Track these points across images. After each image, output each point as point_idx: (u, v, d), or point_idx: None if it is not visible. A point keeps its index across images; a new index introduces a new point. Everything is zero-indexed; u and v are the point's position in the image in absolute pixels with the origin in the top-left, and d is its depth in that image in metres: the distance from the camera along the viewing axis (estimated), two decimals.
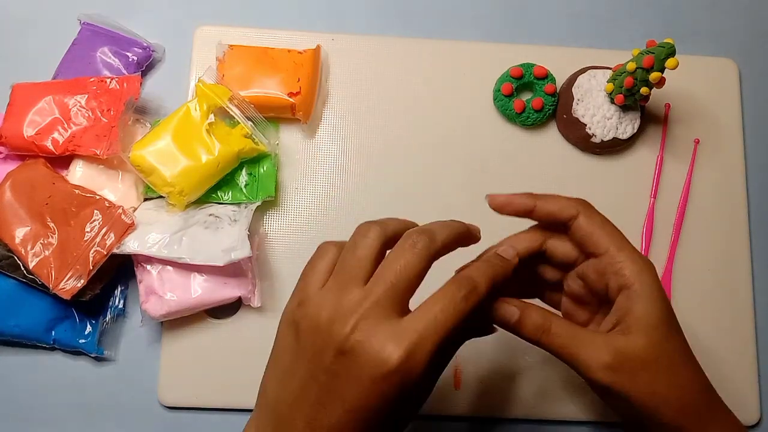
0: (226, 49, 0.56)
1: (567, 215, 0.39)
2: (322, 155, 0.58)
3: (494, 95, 0.59)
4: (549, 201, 0.40)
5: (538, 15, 0.63)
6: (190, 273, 0.51)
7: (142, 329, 0.54)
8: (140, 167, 0.52)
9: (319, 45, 0.58)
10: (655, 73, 0.50)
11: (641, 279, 0.37)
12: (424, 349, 0.32)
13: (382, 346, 0.31)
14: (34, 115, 0.53)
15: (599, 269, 0.39)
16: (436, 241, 0.35)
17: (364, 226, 0.36)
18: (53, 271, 0.50)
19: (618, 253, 0.38)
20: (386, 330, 0.32)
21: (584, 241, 0.39)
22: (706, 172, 0.59)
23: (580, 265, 0.41)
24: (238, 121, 0.54)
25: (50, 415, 0.54)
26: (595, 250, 0.39)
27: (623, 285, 0.38)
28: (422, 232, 0.35)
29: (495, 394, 0.54)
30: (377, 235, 0.35)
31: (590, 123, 0.56)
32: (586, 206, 0.40)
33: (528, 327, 0.37)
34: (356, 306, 0.33)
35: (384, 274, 0.34)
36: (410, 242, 0.34)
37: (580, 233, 0.39)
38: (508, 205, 0.40)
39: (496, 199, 0.40)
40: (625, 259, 0.38)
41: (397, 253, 0.34)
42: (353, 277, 0.34)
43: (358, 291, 0.33)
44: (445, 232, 0.36)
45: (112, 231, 0.51)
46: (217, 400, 0.53)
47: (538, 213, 0.40)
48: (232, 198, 0.55)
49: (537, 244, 0.41)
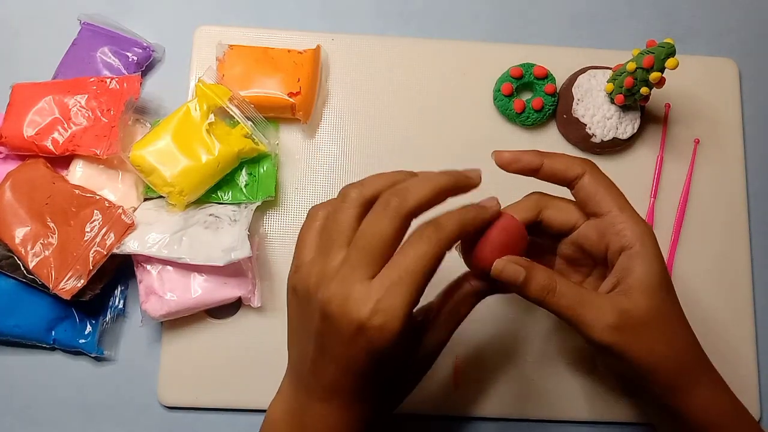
0: (226, 49, 0.56)
1: (573, 174, 0.40)
2: (322, 155, 0.58)
3: (494, 95, 0.59)
4: (556, 159, 0.40)
5: (538, 15, 0.63)
6: (190, 273, 0.51)
7: (142, 329, 0.54)
8: (140, 167, 0.52)
9: (319, 45, 0.58)
10: (655, 73, 0.51)
11: (642, 241, 0.38)
12: (394, 302, 0.32)
13: (352, 306, 0.33)
14: (34, 115, 0.53)
15: (600, 230, 0.39)
16: (407, 201, 0.34)
17: (344, 188, 0.37)
18: (53, 271, 0.50)
19: (620, 213, 0.38)
20: (357, 291, 0.33)
21: (588, 200, 0.39)
22: (706, 172, 0.59)
23: (576, 230, 0.41)
24: (238, 121, 0.54)
25: (50, 415, 0.54)
26: (598, 210, 0.39)
27: (624, 246, 0.38)
28: (395, 192, 0.35)
29: (494, 394, 0.54)
30: (356, 196, 0.36)
31: (590, 123, 0.56)
32: (592, 167, 0.40)
33: (533, 287, 0.37)
34: (335, 270, 0.34)
35: (357, 239, 0.34)
36: (382, 203, 0.35)
37: (584, 192, 0.39)
38: (516, 162, 0.40)
39: (502, 155, 0.41)
40: (627, 220, 0.38)
41: (370, 216, 0.35)
42: (334, 242, 0.35)
43: (340, 255, 0.34)
44: (421, 189, 0.35)
45: (112, 231, 0.51)
46: (217, 400, 0.53)
47: (545, 171, 0.40)
48: (232, 198, 0.55)
49: (532, 214, 0.41)
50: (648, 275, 0.37)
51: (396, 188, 0.35)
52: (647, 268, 0.37)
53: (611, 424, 0.55)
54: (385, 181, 0.37)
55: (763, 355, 0.57)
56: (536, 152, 0.40)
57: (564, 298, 0.37)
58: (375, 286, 0.33)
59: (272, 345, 0.53)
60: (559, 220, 0.41)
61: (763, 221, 0.60)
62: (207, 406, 0.53)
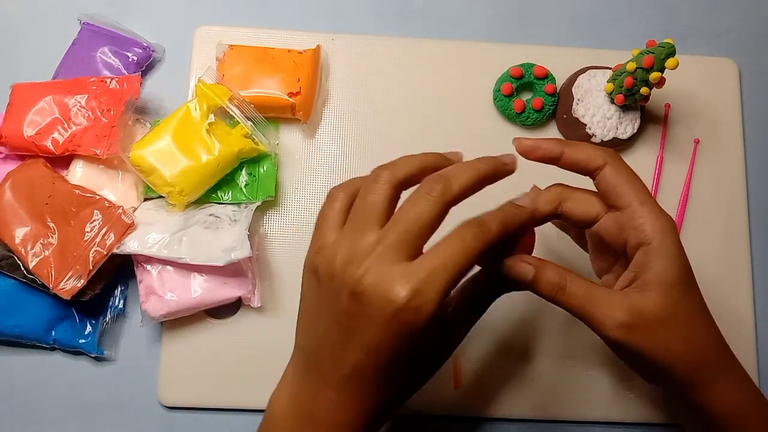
0: (226, 49, 0.56)
1: (594, 165, 0.39)
2: (322, 155, 0.58)
3: (494, 95, 0.59)
4: (577, 149, 0.39)
5: (537, 15, 0.63)
6: (190, 273, 0.51)
7: (142, 329, 0.54)
8: (140, 167, 0.52)
9: (319, 45, 0.58)
10: (655, 73, 0.50)
11: (662, 236, 0.37)
12: (432, 287, 0.32)
13: (390, 286, 0.32)
14: (34, 115, 0.53)
15: (620, 223, 0.39)
16: (451, 188, 0.35)
17: (376, 170, 0.37)
18: (53, 271, 0.50)
19: (640, 207, 0.38)
20: (396, 272, 0.33)
21: (608, 192, 0.39)
22: (706, 171, 0.59)
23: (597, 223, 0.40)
24: (238, 121, 0.54)
25: (50, 415, 0.54)
26: (618, 202, 0.38)
27: (642, 241, 0.37)
28: (438, 179, 0.35)
29: (495, 394, 0.54)
30: (388, 178, 0.36)
31: (590, 123, 0.56)
32: (615, 158, 0.39)
33: (543, 285, 0.37)
34: (369, 250, 0.34)
35: (398, 220, 0.34)
36: (426, 188, 0.35)
37: (605, 184, 0.39)
38: (537, 150, 0.40)
39: (523, 143, 0.40)
40: (647, 214, 0.37)
41: (412, 199, 0.35)
42: (366, 222, 0.35)
43: (372, 235, 0.34)
44: (464, 176, 0.35)
45: (112, 231, 0.51)
46: (217, 400, 0.53)
47: (565, 160, 0.40)
48: (232, 198, 0.55)
49: (553, 206, 0.40)
50: (665, 272, 0.37)
51: (439, 174, 0.35)
52: (664, 264, 0.37)
53: (613, 424, 0.55)
54: (418, 164, 0.37)
55: (763, 356, 0.56)
56: (557, 141, 0.40)
57: (574, 296, 0.37)
58: (415, 269, 0.33)
59: (272, 345, 0.53)
60: (579, 213, 0.40)
61: (763, 221, 0.60)
62: (207, 406, 0.53)
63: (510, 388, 0.54)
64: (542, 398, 0.54)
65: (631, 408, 0.54)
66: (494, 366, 0.54)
